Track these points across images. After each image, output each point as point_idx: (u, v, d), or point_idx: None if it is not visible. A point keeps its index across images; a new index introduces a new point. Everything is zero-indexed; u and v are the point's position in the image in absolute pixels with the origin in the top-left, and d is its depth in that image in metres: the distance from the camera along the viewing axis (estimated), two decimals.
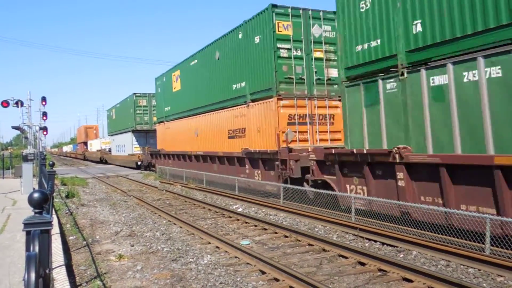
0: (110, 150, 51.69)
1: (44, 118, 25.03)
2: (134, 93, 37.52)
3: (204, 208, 14.72)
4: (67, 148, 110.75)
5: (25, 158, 20.09)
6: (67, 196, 18.71)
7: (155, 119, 34.89)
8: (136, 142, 38.31)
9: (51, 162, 12.81)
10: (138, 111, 37.62)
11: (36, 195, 3.29)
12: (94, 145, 64.40)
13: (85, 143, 73.03)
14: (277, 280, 6.81)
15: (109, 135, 53.27)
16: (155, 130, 35.24)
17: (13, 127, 24.65)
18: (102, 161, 52.93)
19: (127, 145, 40.06)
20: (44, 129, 26.60)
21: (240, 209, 14.03)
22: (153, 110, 36.15)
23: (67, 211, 14.47)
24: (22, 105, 22.67)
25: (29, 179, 17.41)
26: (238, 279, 6.92)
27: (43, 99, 24.57)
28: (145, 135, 38.64)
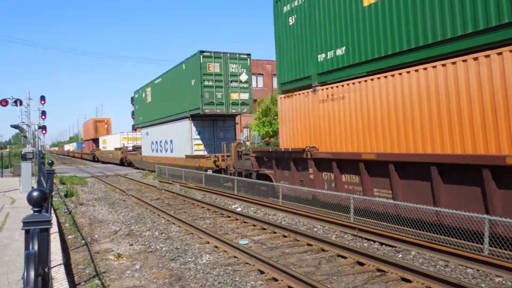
0: (136, 149, 38.75)
1: (43, 117, 25.08)
2: (201, 52, 22.43)
3: (203, 207, 14.72)
4: (69, 147, 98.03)
5: (24, 157, 20.11)
6: (66, 195, 18.69)
7: (235, 96, 22.96)
8: (198, 136, 23.94)
9: (49, 161, 12.80)
10: (207, 83, 22.47)
11: (35, 193, 3.28)
12: (110, 142, 49.94)
13: (95, 140, 60.63)
14: (275, 280, 6.81)
15: (137, 127, 36.79)
16: (229, 117, 24.23)
17: (12, 126, 24.64)
18: (124, 163, 40.34)
19: (179, 141, 25.56)
20: (43, 128, 26.65)
21: (239, 209, 14.03)
22: (232, 80, 22.94)
23: (66, 210, 14.46)
24: (21, 104, 22.72)
25: (28, 178, 17.41)
26: (237, 279, 6.93)
27: (42, 98, 24.62)
28: (212, 125, 24.38)
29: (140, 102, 34.85)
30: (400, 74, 9.83)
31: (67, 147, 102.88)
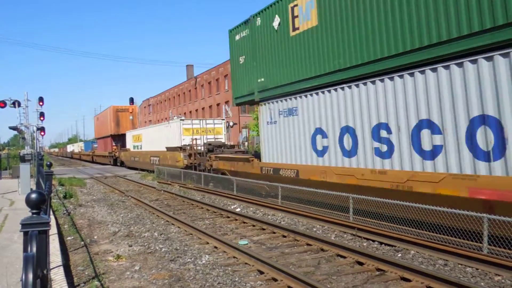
0: (214, 148, 22.30)
1: (42, 118, 25.05)
2: None
3: (202, 208, 14.71)
4: (74, 147, 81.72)
5: (23, 159, 20.07)
6: (65, 197, 18.67)
7: None
8: None
9: (48, 163, 12.79)
10: None
11: (33, 195, 3.27)
12: (153, 139, 30.38)
13: (116, 137, 43.50)
14: (275, 280, 6.80)
15: (240, 103, 17.40)
16: None
17: (10, 128, 24.65)
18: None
19: None
20: (42, 129, 26.61)
21: (238, 209, 14.02)
22: None
23: (65, 212, 14.44)
24: (19, 105, 22.72)
25: (26, 180, 17.37)
26: (236, 279, 6.92)
27: (41, 99, 24.58)
28: None
29: (260, 46, 15.53)
30: None
31: (70, 148, 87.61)
